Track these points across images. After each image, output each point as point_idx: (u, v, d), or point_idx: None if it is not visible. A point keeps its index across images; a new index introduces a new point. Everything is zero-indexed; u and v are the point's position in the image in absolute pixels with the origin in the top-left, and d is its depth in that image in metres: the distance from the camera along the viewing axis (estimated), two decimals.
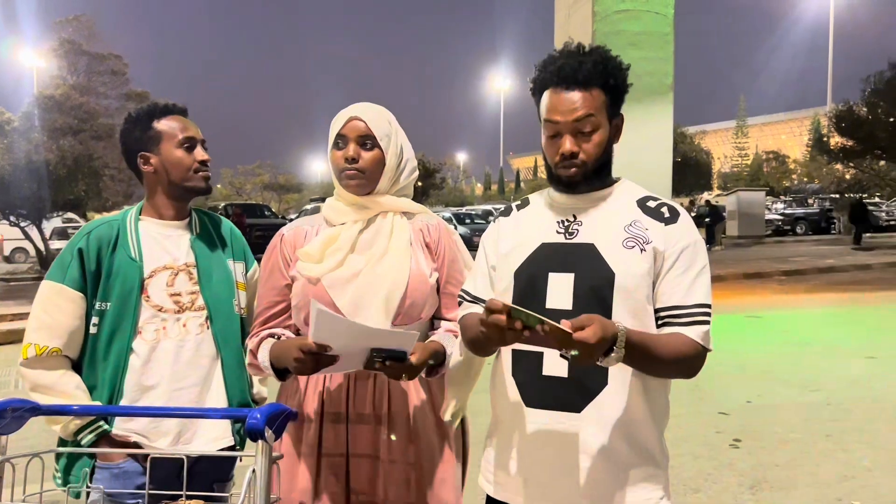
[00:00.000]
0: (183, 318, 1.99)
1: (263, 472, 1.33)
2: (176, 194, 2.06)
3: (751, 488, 3.98)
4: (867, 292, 12.47)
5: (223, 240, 2.16)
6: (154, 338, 1.96)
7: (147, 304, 1.96)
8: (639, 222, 1.64)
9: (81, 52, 28.07)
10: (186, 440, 1.96)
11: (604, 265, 1.59)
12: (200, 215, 2.16)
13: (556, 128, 1.61)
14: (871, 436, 4.78)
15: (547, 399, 1.62)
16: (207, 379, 2.01)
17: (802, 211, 32.77)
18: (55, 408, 1.76)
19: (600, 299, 1.57)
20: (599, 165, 1.65)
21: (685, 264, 1.60)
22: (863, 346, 7.67)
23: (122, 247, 1.99)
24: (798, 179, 50.78)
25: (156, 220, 2.07)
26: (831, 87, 50.02)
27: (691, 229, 1.65)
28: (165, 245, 2.04)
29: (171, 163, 2.03)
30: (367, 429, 1.83)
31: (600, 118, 1.61)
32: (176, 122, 2.06)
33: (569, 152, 1.60)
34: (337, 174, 1.92)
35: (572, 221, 1.67)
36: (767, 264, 17.05)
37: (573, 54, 1.62)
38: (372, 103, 1.97)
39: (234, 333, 2.06)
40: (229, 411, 1.98)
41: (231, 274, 2.11)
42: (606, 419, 1.59)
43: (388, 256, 1.87)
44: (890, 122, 20.70)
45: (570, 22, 10.74)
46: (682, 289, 1.59)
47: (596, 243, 1.62)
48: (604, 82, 1.61)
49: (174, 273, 2.01)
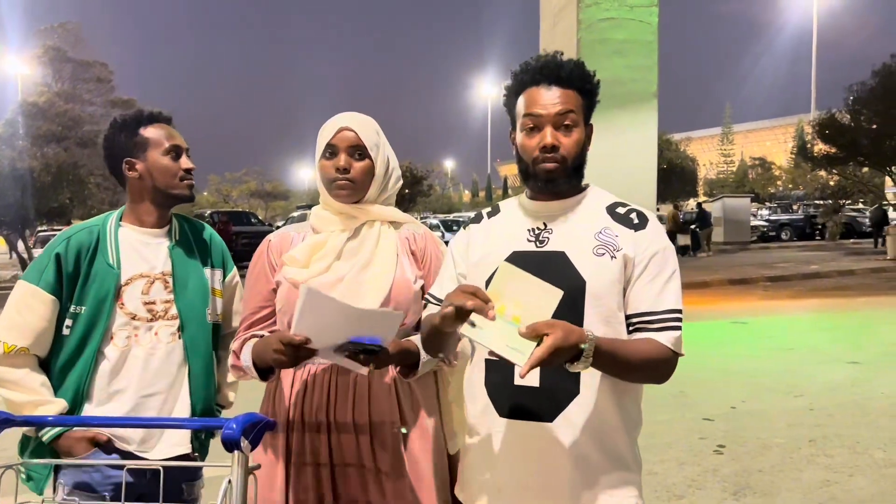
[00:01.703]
0: (155, 327, 2.01)
1: (239, 482, 1.32)
2: (160, 201, 2.08)
3: (734, 494, 3.99)
4: (850, 298, 12.58)
5: (202, 247, 2.17)
6: (125, 344, 1.98)
7: (121, 311, 1.98)
8: (608, 229, 1.65)
9: (66, 59, 27.96)
10: (150, 445, 2.00)
11: (575, 273, 1.60)
12: (181, 221, 2.17)
13: (537, 121, 1.63)
14: (853, 441, 4.81)
15: (519, 409, 1.62)
16: (174, 387, 2.03)
17: (787, 217, 33.04)
18: (30, 419, 1.75)
19: (572, 307, 1.57)
20: (576, 166, 1.66)
21: (655, 270, 1.62)
22: (846, 352, 7.73)
23: (101, 253, 2.01)
24: (783, 186, 51.20)
25: (136, 227, 2.08)
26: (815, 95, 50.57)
27: (660, 235, 1.67)
28: (143, 253, 2.06)
29: (158, 170, 2.05)
30: (349, 438, 1.82)
31: (579, 117, 1.65)
32: (162, 129, 2.08)
33: (550, 144, 1.61)
34: (326, 184, 1.92)
35: (542, 229, 1.68)
36: (753, 270, 17.16)
37: (552, 57, 1.67)
38: (358, 113, 1.98)
39: (203, 342, 2.09)
40: (206, 421, 1.99)
41: (207, 282, 2.12)
42: (578, 428, 1.59)
43: (374, 263, 1.88)
44: (872, 129, 20.92)
45: (556, 30, 10.80)
46: (652, 295, 1.61)
47: (567, 251, 1.63)
48: (581, 86, 1.65)
49: (150, 281, 2.03)
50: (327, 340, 1.65)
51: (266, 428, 1.39)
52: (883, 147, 20.64)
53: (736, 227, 28.46)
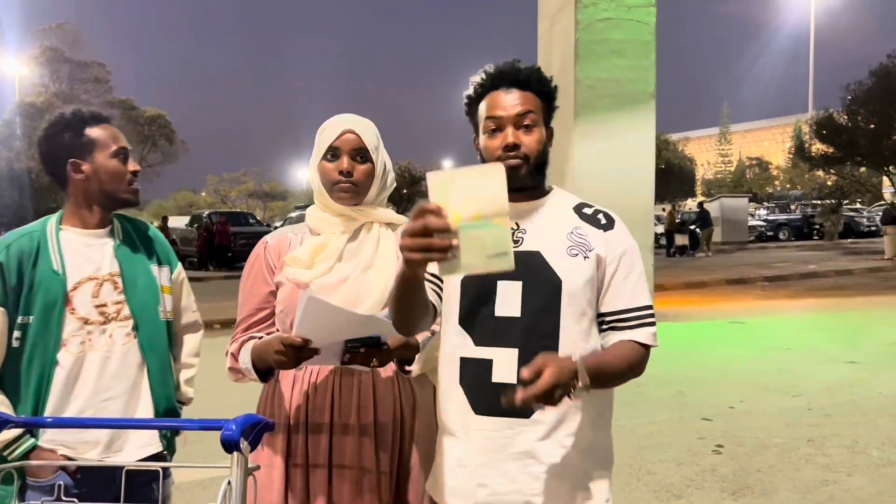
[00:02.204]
0: (109, 329, 1.97)
1: (239, 484, 1.32)
2: (105, 204, 2.03)
3: (733, 494, 4.00)
4: (848, 297, 12.60)
5: (147, 245, 2.12)
6: (80, 350, 1.93)
7: (72, 316, 1.93)
8: (579, 229, 1.69)
9: (64, 60, 27.96)
10: (117, 448, 1.96)
11: (551, 273, 1.63)
12: (122, 221, 2.12)
13: (498, 122, 1.67)
14: (851, 440, 4.82)
15: (497, 406, 1.58)
16: (135, 388, 2.00)
17: (785, 217, 33.08)
18: (28, 420, 1.75)
19: (548, 306, 1.62)
20: (538, 164, 1.69)
21: (627, 269, 1.68)
22: (844, 351, 7.73)
23: (44, 259, 1.94)
24: (780, 186, 51.31)
25: (78, 229, 2.02)
26: (812, 95, 50.63)
27: (627, 234, 1.73)
28: (89, 255, 2.00)
29: (106, 172, 1.99)
30: (351, 439, 1.83)
31: (538, 118, 1.68)
32: (108, 130, 2.02)
33: (511, 143, 1.64)
34: (328, 186, 1.91)
35: (516, 229, 1.69)
36: (750, 270, 17.19)
37: (510, 63, 1.73)
38: (356, 115, 1.98)
39: (159, 340, 2.06)
40: (205, 422, 1.97)
41: (156, 280, 2.09)
42: (555, 423, 1.62)
43: (375, 265, 1.89)
44: (870, 129, 20.95)
45: (554, 31, 10.82)
46: (627, 293, 1.67)
47: (542, 251, 1.65)
48: (539, 89, 1.70)
49: (99, 283, 1.98)
50: (328, 342, 1.67)
51: (265, 429, 1.39)
52: (880, 147, 20.68)
53: (734, 227, 28.51)
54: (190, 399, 2.21)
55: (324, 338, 1.66)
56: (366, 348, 1.69)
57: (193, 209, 38.73)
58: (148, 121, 31.49)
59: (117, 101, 28.14)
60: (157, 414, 2.01)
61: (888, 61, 20.32)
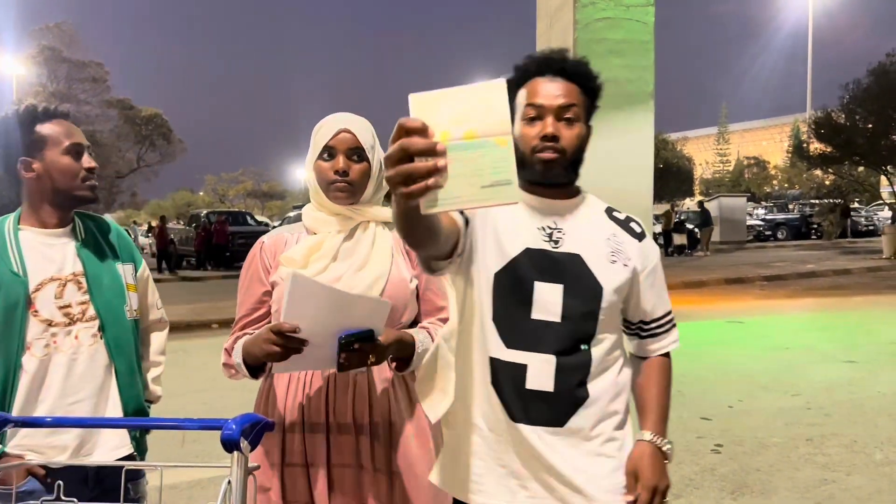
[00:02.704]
0: (74, 330, 1.92)
1: (239, 483, 1.31)
2: (60, 202, 1.96)
3: (732, 493, 4.00)
4: (846, 297, 12.60)
5: (110, 243, 2.07)
6: (44, 353, 1.88)
7: (35, 318, 1.87)
8: (616, 236, 1.67)
9: (62, 60, 27.89)
10: (87, 451, 1.92)
11: (592, 278, 1.60)
12: (84, 220, 2.06)
13: (538, 111, 1.59)
14: (850, 439, 4.83)
15: (530, 414, 1.59)
16: (103, 389, 1.96)
17: (783, 216, 33.10)
18: (28, 419, 1.74)
19: (588, 313, 1.60)
20: (573, 162, 1.63)
21: (660, 277, 1.72)
22: (843, 351, 7.74)
23: (3, 261, 1.89)
24: (779, 185, 51.33)
25: (37, 228, 1.96)
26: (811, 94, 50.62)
27: (654, 243, 1.76)
28: (49, 255, 1.94)
29: (58, 170, 1.92)
30: (348, 438, 1.82)
31: (581, 112, 1.62)
32: (60, 126, 1.94)
33: (551, 134, 1.57)
34: (324, 185, 1.91)
35: (554, 228, 1.63)
36: (749, 269, 17.19)
37: (558, 51, 1.66)
38: (352, 114, 1.97)
39: (126, 340, 2.02)
40: (204, 422, 1.95)
41: (121, 278, 2.04)
42: (588, 432, 1.61)
43: (370, 263, 1.88)
44: (868, 128, 20.96)
45: (552, 30, 10.78)
46: (661, 301, 1.72)
47: (582, 255, 1.61)
48: (584, 84, 1.63)
49: (62, 284, 1.93)
50: (318, 329, 1.62)
51: (265, 428, 1.38)
52: (878, 146, 20.69)
53: (732, 227, 28.53)
54: (158, 397, 2.17)
55: (315, 324, 1.62)
56: (360, 344, 1.66)
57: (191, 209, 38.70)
58: (146, 120, 31.43)
59: (115, 100, 28.06)
60: (127, 414, 1.98)
61: (887, 60, 20.33)
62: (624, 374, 1.69)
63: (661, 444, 1.62)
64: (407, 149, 1.01)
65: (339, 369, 1.69)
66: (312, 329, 1.63)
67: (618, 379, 1.66)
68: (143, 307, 2.13)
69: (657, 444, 1.62)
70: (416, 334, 1.85)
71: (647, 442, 1.63)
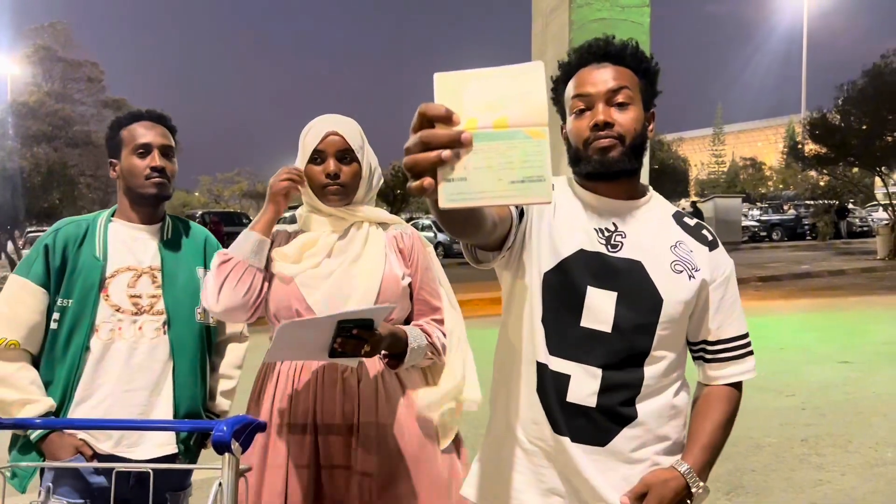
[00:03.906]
0: (140, 321, 1.99)
1: (230, 485, 1.31)
2: (136, 200, 2.08)
3: (727, 494, 4.00)
4: (841, 297, 12.63)
5: (195, 247, 2.15)
6: (108, 337, 1.96)
7: (105, 302, 1.97)
8: (683, 244, 1.51)
9: (56, 59, 27.81)
10: (131, 443, 1.95)
11: (652, 289, 1.44)
12: (175, 221, 2.17)
13: (587, 100, 1.45)
14: (845, 440, 4.83)
15: (570, 429, 1.45)
16: (158, 384, 2.00)
17: (778, 217, 33.17)
18: (18, 422, 1.74)
19: (644, 326, 1.44)
20: (634, 147, 1.45)
21: (734, 292, 1.54)
22: (837, 351, 7.75)
23: (88, 245, 2.00)
24: (774, 186, 51.44)
25: (127, 222, 2.08)
26: (805, 95, 50.81)
27: (727, 254, 1.58)
28: (132, 247, 2.05)
29: (126, 169, 2.05)
30: (336, 439, 1.82)
31: (634, 94, 1.46)
32: (139, 128, 2.06)
33: (602, 121, 1.41)
34: (317, 189, 1.92)
35: (613, 231, 1.48)
36: (744, 270, 17.22)
37: (602, 38, 1.49)
38: (339, 115, 1.98)
39: (191, 341, 2.06)
40: (195, 423, 1.97)
41: (198, 282, 2.09)
42: (630, 453, 1.46)
43: (362, 259, 1.89)
44: (862, 129, 21.00)
45: (547, 31, 10.79)
46: (735, 320, 1.53)
47: (643, 262, 1.45)
48: (635, 66, 1.48)
49: (137, 275, 2.02)
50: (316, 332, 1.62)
51: (257, 430, 1.38)
52: (872, 147, 20.73)
53: (727, 228, 28.53)
54: (224, 412, 2.16)
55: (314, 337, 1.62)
56: (358, 330, 1.64)
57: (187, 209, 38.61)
58: None
59: (111, 100, 27.96)
60: (178, 416, 2.00)
61: (881, 62, 20.38)
62: (681, 398, 1.53)
63: (690, 480, 1.41)
64: (429, 142, 0.88)
65: (331, 355, 1.66)
66: (309, 333, 1.62)
67: (674, 401, 1.50)
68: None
69: (686, 479, 1.41)
70: (410, 331, 1.85)
71: (676, 471, 1.43)
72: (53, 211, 20.11)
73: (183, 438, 2.03)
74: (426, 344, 1.88)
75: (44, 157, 19.24)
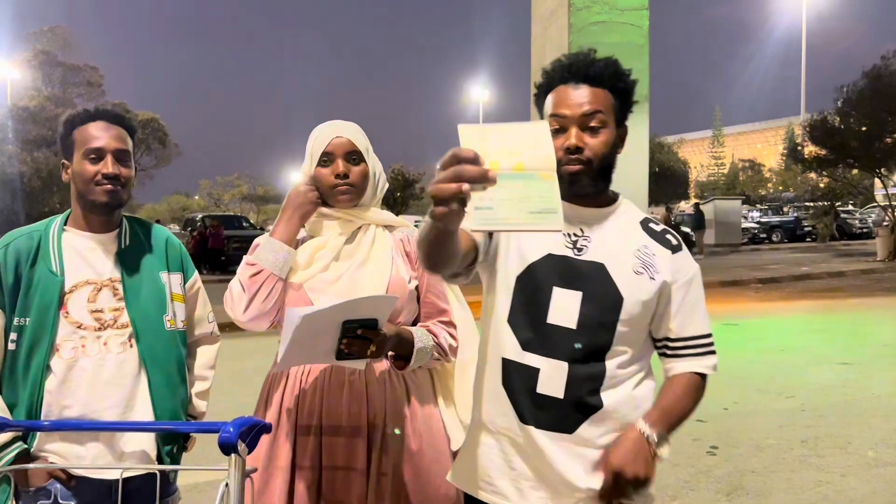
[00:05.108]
0: (104, 336, 1.88)
1: (236, 486, 1.32)
2: (87, 207, 1.93)
3: (728, 495, 4.01)
4: (841, 299, 12.64)
5: (157, 250, 2.03)
6: (72, 356, 1.84)
7: (66, 320, 1.85)
8: (647, 248, 1.60)
9: (56, 63, 27.88)
10: (108, 462, 1.86)
11: (613, 288, 1.55)
12: (133, 225, 2.03)
13: (562, 122, 1.55)
14: (845, 441, 4.84)
15: (539, 418, 1.57)
16: (131, 399, 1.89)
17: (778, 219, 33.18)
18: (24, 423, 1.74)
19: (605, 323, 1.55)
20: (603, 168, 1.58)
21: (696, 294, 1.62)
22: (837, 353, 7.76)
23: (43, 260, 1.88)
24: (773, 188, 51.47)
25: (80, 231, 1.94)
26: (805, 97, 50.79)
27: (692, 258, 1.66)
28: (89, 258, 1.92)
29: (77, 174, 1.90)
30: (342, 441, 1.83)
31: (608, 118, 1.57)
32: (93, 129, 1.89)
33: (574, 146, 1.53)
34: (327, 191, 1.93)
35: (580, 236, 1.60)
36: (744, 272, 17.23)
37: (583, 55, 1.60)
38: (343, 120, 2.00)
39: (163, 351, 1.96)
40: (202, 425, 1.93)
41: (163, 288, 1.99)
42: (597, 440, 1.57)
43: (369, 263, 1.91)
44: (862, 131, 21.00)
45: (547, 34, 10.81)
46: (697, 320, 1.62)
47: (606, 264, 1.57)
48: (613, 85, 1.58)
49: (97, 288, 1.90)
50: (323, 328, 1.64)
51: (262, 431, 1.39)
52: (872, 149, 20.73)
53: (727, 229, 28.55)
54: (202, 413, 2.11)
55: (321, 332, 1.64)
56: (364, 330, 1.66)
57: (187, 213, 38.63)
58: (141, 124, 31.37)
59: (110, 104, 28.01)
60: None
61: (881, 63, 20.38)
62: (643, 388, 1.63)
63: (649, 434, 1.51)
64: (461, 175, 1.08)
65: (338, 357, 1.69)
66: (318, 333, 1.64)
67: (634, 392, 1.60)
68: (190, 319, 2.08)
69: (645, 433, 1.51)
70: (416, 331, 1.87)
71: (636, 429, 1.53)
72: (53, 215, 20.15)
73: (169, 452, 1.95)
74: (433, 345, 1.89)
75: (44, 161, 19.26)
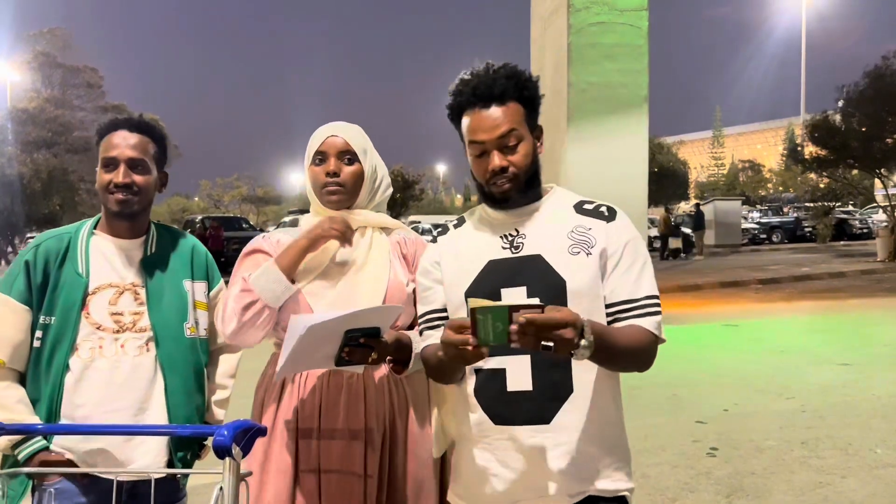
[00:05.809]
0: (121, 339, 1.92)
1: (231, 489, 1.31)
2: (107, 213, 2.01)
3: (728, 497, 4.00)
4: (841, 300, 12.63)
5: (182, 258, 2.08)
6: (89, 356, 1.89)
7: (86, 321, 1.90)
8: (580, 226, 1.66)
9: (56, 65, 27.91)
10: (118, 464, 1.88)
11: (553, 274, 1.61)
12: (161, 232, 2.09)
13: (481, 147, 1.64)
14: (845, 442, 4.83)
15: (514, 415, 1.62)
16: (144, 403, 1.92)
17: (778, 220, 33.17)
18: (19, 427, 1.74)
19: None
20: (530, 176, 1.67)
21: (630, 259, 1.65)
22: (837, 353, 7.75)
23: (70, 261, 1.94)
24: (773, 188, 51.49)
25: (108, 236, 2.01)
26: (804, 98, 50.86)
27: (630, 225, 1.70)
28: (114, 263, 1.98)
29: (97, 182, 1.99)
30: (341, 444, 1.82)
31: (522, 131, 1.64)
32: (113, 139, 1.97)
33: (498, 167, 1.62)
34: (317, 190, 1.93)
35: (515, 235, 1.68)
36: (744, 273, 17.23)
37: (484, 73, 1.64)
38: (345, 122, 2.00)
39: (182, 358, 1.99)
40: (197, 428, 1.95)
41: (185, 296, 2.03)
42: (575, 426, 1.61)
43: (367, 267, 1.90)
44: (863, 131, 20.99)
45: (546, 35, 10.85)
46: (630, 283, 1.64)
47: (543, 254, 1.64)
48: (518, 95, 1.64)
49: (119, 292, 1.96)
50: (326, 335, 1.64)
51: (257, 434, 1.39)
52: (872, 149, 20.72)
53: (727, 230, 28.55)
54: (219, 421, 2.11)
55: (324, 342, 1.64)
56: (365, 338, 1.67)
57: (186, 214, 38.66)
58: None
59: (110, 105, 28.00)
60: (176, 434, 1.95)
61: (882, 63, 20.36)
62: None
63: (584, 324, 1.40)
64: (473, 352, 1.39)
65: (337, 363, 1.69)
66: (320, 341, 1.64)
67: (603, 372, 1.63)
68: (213, 327, 2.08)
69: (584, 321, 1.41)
70: (414, 336, 1.86)
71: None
72: (54, 216, 20.16)
73: (180, 457, 1.97)
74: None
75: (44, 162, 19.30)
